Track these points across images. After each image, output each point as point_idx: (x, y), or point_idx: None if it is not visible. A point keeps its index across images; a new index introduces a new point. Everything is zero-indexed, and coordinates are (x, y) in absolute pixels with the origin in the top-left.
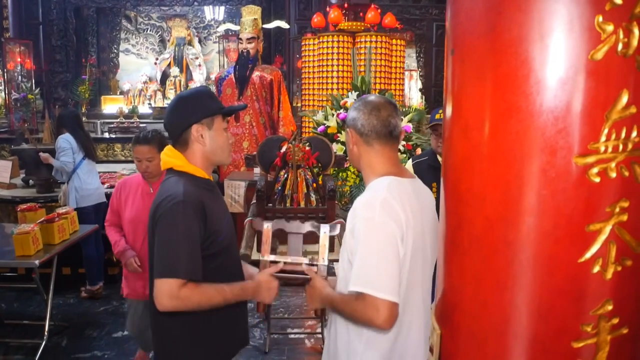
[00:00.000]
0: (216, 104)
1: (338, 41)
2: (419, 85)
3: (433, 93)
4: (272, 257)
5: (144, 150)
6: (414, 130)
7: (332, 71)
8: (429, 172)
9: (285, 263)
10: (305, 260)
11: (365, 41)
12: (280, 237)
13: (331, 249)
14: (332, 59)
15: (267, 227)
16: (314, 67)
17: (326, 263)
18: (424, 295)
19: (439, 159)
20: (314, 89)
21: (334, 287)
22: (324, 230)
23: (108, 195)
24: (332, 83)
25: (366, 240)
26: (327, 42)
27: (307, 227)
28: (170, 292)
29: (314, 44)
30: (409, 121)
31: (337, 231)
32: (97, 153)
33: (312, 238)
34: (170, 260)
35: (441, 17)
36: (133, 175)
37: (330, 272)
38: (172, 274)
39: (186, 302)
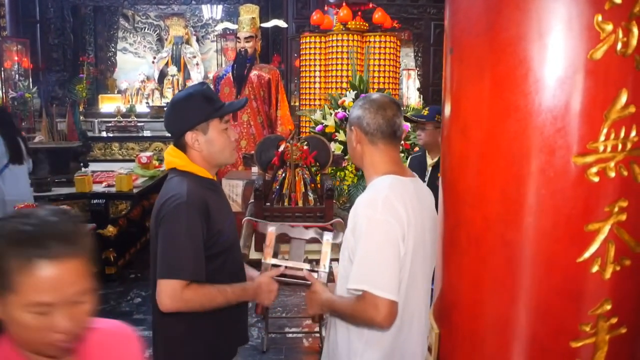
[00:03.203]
0: (211, 106)
1: (347, 40)
2: (417, 84)
3: (431, 92)
4: (274, 261)
5: (67, 274)
6: (412, 130)
7: (342, 70)
8: (416, 168)
9: (286, 267)
10: (306, 266)
11: (374, 41)
12: (280, 237)
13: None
14: (343, 58)
15: (271, 230)
16: (315, 65)
17: (327, 270)
18: (425, 294)
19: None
20: (314, 87)
21: (333, 292)
22: (327, 238)
23: (102, 196)
24: (339, 82)
25: (367, 238)
26: (335, 40)
27: (311, 233)
28: (172, 293)
29: (317, 42)
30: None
31: (339, 239)
32: (25, 155)
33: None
34: (174, 261)
35: (439, 16)
36: None
37: (330, 278)
38: (175, 275)
39: (189, 303)
